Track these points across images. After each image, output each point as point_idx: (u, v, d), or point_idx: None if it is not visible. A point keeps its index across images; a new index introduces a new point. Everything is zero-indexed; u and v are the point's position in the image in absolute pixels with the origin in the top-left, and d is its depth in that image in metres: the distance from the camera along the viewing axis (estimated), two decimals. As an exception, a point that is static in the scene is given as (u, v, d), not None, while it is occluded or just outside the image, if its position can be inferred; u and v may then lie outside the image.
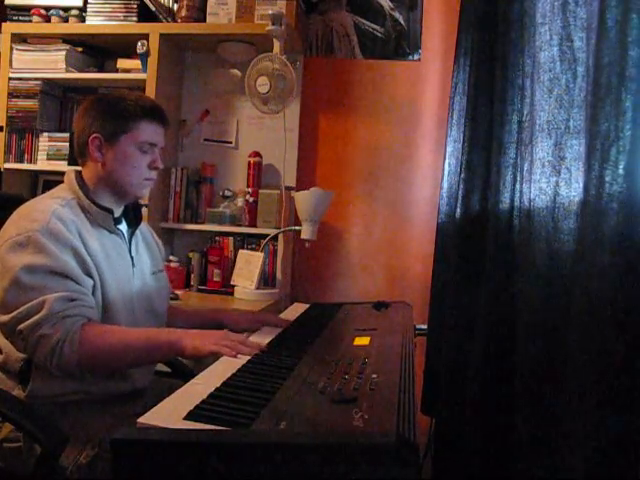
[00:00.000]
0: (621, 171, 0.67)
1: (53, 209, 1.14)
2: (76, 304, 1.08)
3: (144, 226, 1.42)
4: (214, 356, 1.06)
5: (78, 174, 1.25)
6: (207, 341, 1.06)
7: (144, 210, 1.39)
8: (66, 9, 2.29)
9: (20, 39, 2.29)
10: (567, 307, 0.83)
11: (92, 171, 1.24)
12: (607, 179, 0.68)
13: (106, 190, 1.24)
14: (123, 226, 1.31)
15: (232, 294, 2.15)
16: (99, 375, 1.16)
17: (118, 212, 1.28)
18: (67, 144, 2.27)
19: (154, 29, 2.15)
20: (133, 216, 1.34)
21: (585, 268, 0.72)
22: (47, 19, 2.30)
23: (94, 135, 1.21)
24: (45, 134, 2.29)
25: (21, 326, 1.04)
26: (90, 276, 1.14)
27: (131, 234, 1.32)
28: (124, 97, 1.25)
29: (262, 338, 1.20)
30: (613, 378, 0.67)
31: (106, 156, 1.22)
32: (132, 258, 1.29)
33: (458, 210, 1.36)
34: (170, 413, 0.74)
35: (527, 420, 0.91)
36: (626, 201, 0.67)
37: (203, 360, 1.08)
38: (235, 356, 1.03)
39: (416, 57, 2.27)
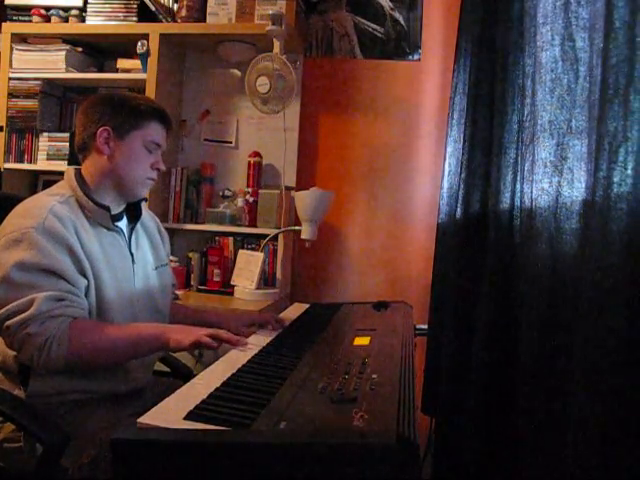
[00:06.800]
0: (629, 172, 0.67)
1: (50, 206, 1.13)
2: (64, 304, 1.07)
3: (148, 218, 1.41)
4: (215, 356, 1.07)
5: (77, 171, 1.25)
6: (188, 333, 1.08)
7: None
8: (66, 9, 2.29)
9: (20, 39, 2.29)
10: (569, 307, 0.83)
11: (95, 165, 1.24)
12: (615, 180, 0.68)
13: (107, 186, 1.24)
14: (123, 223, 1.30)
15: (232, 294, 2.14)
16: (87, 371, 1.16)
17: (117, 209, 1.28)
18: (67, 144, 2.27)
19: (154, 29, 2.15)
20: (133, 211, 1.33)
21: (590, 269, 0.72)
22: (47, 19, 2.30)
23: (103, 127, 1.21)
24: (45, 134, 2.29)
25: (8, 323, 1.04)
26: (84, 276, 1.13)
27: (131, 230, 1.32)
28: (134, 96, 1.31)
29: (262, 338, 1.20)
30: (616, 380, 0.67)
31: (113, 150, 1.22)
32: (132, 255, 1.29)
33: (458, 210, 1.36)
34: (170, 413, 0.74)
35: (527, 420, 0.91)
36: (635, 202, 0.67)
37: (203, 360, 1.09)
38: (216, 347, 1.07)
39: (416, 57, 2.27)
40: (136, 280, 1.28)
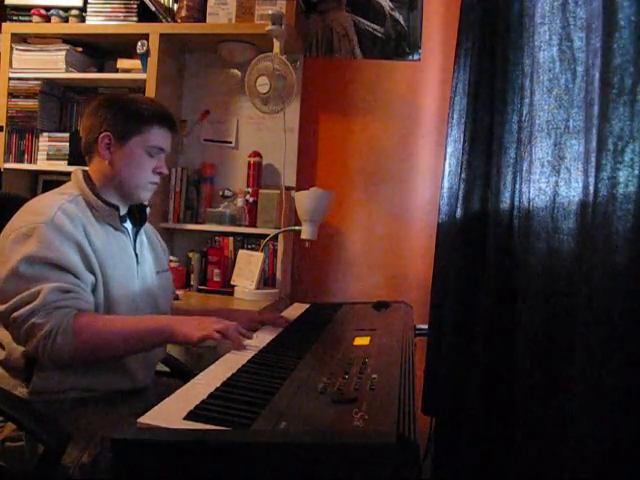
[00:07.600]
0: (637, 172, 0.67)
1: (60, 204, 1.15)
2: (71, 296, 1.08)
3: (148, 227, 1.43)
4: (214, 355, 1.07)
5: (85, 172, 1.27)
6: (197, 327, 1.09)
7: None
8: (66, 9, 2.29)
9: (20, 39, 2.29)
10: (568, 307, 0.83)
11: (98, 168, 1.26)
12: (621, 180, 0.67)
13: (112, 189, 1.26)
14: (128, 224, 1.31)
15: (232, 294, 2.15)
16: (92, 364, 1.16)
17: (122, 211, 1.29)
18: (67, 144, 2.27)
19: (154, 29, 2.15)
20: (138, 215, 1.35)
21: (592, 269, 0.72)
22: (47, 19, 2.30)
23: (105, 133, 1.23)
24: (45, 134, 2.29)
25: (15, 314, 1.05)
26: (92, 272, 1.15)
27: (136, 233, 1.33)
28: (137, 100, 1.29)
29: (262, 338, 1.20)
30: (617, 383, 0.67)
31: (114, 155, 1.24)
32: (137, 255, 1.30)
33: (458, 210, 1.36)
34: (170, 413, 0.74)
35: (527, 420, 0.91)
36: None
37: (203, 360, 1.09)
38: (224, 342, 1.07)
39: (416, 57, 2.27)
40: (139, 279, 1.29)
